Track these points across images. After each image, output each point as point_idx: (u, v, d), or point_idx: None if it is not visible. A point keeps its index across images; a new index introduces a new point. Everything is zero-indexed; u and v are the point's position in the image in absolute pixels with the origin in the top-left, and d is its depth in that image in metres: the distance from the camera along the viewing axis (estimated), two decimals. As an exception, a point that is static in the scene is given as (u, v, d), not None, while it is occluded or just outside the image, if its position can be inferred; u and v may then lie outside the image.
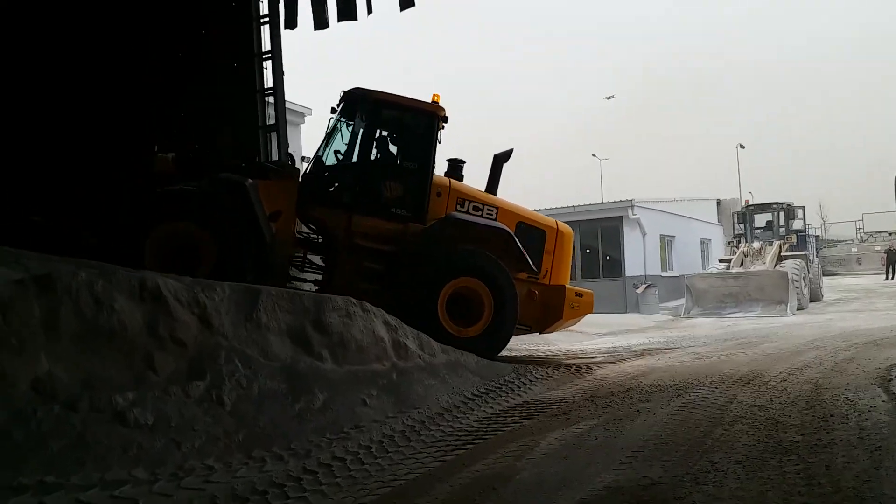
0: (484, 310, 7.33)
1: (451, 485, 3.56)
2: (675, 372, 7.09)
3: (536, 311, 8.03)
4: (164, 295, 4.57)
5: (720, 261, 22.40)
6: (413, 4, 11.17)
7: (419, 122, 7.74)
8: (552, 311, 8.10)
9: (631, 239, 23.00)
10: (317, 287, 7.46)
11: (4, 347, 3.82)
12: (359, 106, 7.72)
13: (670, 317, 19.15)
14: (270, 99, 11.24)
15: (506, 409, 5.40)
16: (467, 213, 7.68)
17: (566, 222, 8.89)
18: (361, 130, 7.65)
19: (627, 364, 8.09)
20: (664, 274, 24.08)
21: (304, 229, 7.93)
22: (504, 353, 7.85)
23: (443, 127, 7.81)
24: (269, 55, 11.31)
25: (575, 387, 6.39)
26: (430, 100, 7.74)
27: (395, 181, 7.56)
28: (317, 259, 8.01)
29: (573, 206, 23.94)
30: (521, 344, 11.44)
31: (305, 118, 18.98)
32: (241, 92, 11.11)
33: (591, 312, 8.54)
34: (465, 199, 7.76)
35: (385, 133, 7.88)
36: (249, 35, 11.31)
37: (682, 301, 19.74)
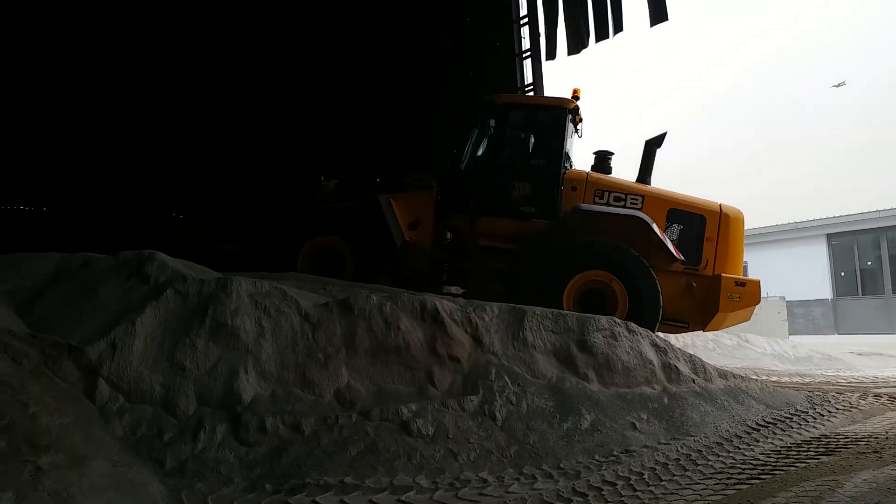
0: (618, 304, 6.84)
1: (733, 521, 3.27)
2: None
3: (694, 305, 7.25)
4: (441, 315, 4.97)
5: None
6: (666, 18, 10.82)
7: (546, 118, 7.73)
8: (709, 304, 7.22)
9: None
10: (462, 291, 7.69)
11: (314, 361, 4.49)
12: (490, 112, 7.91)
13: None
14: None
15: (798, 443, 4.80)
16: (607, 204, 7.32)
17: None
18: (492, 135, 7.82)
19: (961, 396, 6.69)
20: None
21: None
22: (794, 378, 7.02)
23: (580, 120, 7.73)
24: (531, 87, 12.73)
25: (888, 420, 5.45)
26: (569, 94, 7.68)
27: (523, 180, 7.55)
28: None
29: (877, 211, 20.70)
30: (816, 370, 10.18)
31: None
32: None
33: (758, 303, 7.38)
34: (603, 190, 7.42)
35: (517, 134, 7.93)
36: (513, 71, 12.84)
37: None
